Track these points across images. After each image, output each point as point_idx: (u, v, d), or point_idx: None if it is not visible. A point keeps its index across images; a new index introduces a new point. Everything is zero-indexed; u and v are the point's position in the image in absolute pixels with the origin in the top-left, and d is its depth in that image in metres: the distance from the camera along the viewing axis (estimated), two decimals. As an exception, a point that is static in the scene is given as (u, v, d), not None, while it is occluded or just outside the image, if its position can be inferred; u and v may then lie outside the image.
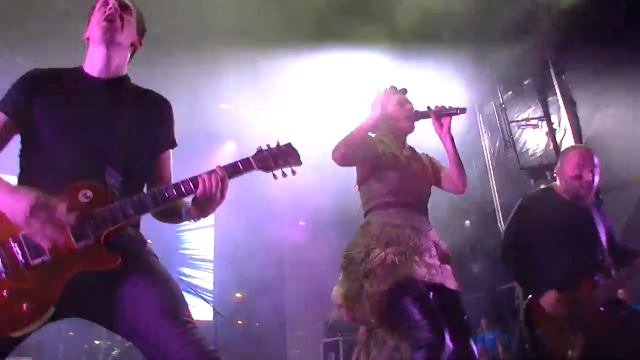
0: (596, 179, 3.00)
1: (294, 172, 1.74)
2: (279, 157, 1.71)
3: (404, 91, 2.75)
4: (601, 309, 2.82)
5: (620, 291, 3.09)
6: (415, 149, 2.80)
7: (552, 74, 6.54)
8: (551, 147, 6.51)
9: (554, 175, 3.24)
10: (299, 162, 1.74)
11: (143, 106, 1.79)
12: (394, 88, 2.75)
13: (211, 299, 8.13)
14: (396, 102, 2.67)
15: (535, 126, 6.74)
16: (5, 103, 1.69)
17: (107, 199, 1.49)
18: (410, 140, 2.79)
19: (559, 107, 6.43)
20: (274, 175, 1.72)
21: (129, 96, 1.78)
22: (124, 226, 1.52)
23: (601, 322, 2.79)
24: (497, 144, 7.30)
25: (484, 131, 7.64)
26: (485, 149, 7.53)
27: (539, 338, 2.87)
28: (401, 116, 2.64)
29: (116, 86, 1.78)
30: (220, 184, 1.58)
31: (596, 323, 2.78)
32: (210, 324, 6.69)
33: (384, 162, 2.53)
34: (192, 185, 1.57)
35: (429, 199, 2.65)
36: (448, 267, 2.44)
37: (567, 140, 6.32)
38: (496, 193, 7.75)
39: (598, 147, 5.75)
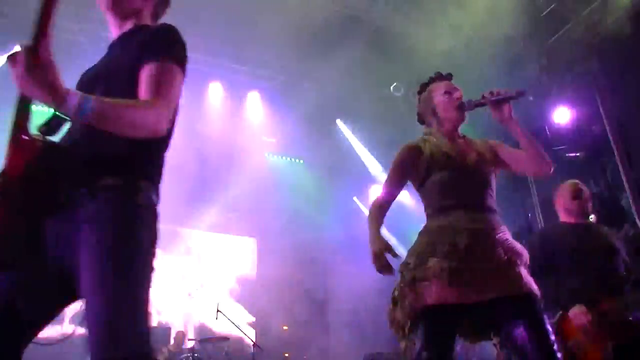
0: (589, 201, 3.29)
1: None
2: None
3: (450, 77, 2.41)
4: (630, 318, 2.93)
5: None
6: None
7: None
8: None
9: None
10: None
11: (131, 41, 1.59)
12: (439, 74, 2.44)
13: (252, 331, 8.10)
14: (443, 90, 2.34)
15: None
16: None
17: None
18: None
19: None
20: None
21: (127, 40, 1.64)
22: None
23: (629, 329, 2.93)
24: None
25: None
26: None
27: (570, 349, 2.94)
28: (449, 106, 2.31)
29: (124, 38, 1.67)
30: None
31: (623, 330, 2.91)
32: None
33: (435, 164, 2.23)
34: None
35: (494, 190, 2.28)
36: (516, 270, 2.07)
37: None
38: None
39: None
